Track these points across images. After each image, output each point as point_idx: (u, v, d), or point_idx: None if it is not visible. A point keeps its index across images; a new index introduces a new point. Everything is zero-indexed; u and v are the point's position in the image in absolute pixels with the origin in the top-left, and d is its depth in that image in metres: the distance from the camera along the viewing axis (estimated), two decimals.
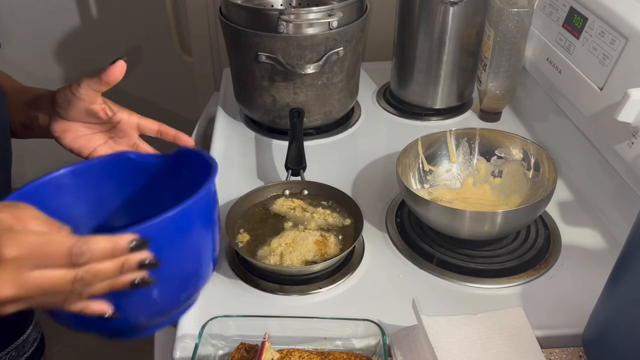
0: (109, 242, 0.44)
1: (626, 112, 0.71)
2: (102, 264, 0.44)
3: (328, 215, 0.83)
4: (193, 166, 0.61)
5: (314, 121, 1.07)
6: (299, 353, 0.64)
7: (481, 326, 0.65)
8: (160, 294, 0.52)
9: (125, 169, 0.64)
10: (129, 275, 0.46)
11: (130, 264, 0.45)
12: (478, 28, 1.07)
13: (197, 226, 0.53)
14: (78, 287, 0.44)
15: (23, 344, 0.84)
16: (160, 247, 0.48)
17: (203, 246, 0.55)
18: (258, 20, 0.97)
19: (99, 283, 0.45)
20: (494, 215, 0.74)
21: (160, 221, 0.47)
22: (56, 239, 0.43)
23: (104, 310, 0.47)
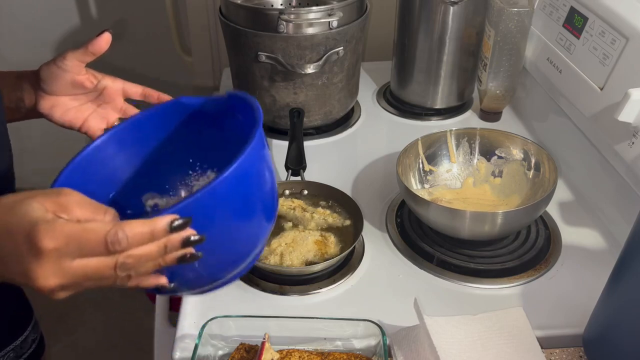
0: (146, 226, 0.43)
1: (626, 112, 0.71)
2: (144, 248, 0.44)
3: (328, 215, 0.83)
4: (245, 113, 0.57)
5: (314, 121, 1.07)
6: (299, 353, 0.64)
7: (481, 326, 0.65)
8: (215, 261, 0.50)
9: (175, 117, 0.62)
10: (174, 254, 0.45)
11: (173, 243, 0.44)
12: (478, 28, 1.07)
13: (243, 190, 0.50)
14: (122, 272, 0.44)
15: (21, 344, 0.84)
16: (205, 222, 0.46)
17: (254, 206, 0.52)
18: (258, 20, 0.97)
19: (145, 264, 0.45)
20: (494, 216, 0.74)
21: (200, 196, 0.45)
22: (92, 228, 0.43)
23: (159, 282, 0.47)
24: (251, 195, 0.51)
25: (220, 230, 0.49)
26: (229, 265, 0.53)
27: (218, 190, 0.46)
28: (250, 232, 0.53)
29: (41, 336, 0.91)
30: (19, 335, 0.84)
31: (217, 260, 0.51)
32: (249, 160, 0.49)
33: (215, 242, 0.48)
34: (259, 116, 0.53)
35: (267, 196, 0.54)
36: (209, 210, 0.47)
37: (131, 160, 0.62)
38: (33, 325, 0.88)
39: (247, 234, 0.53)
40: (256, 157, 0.51)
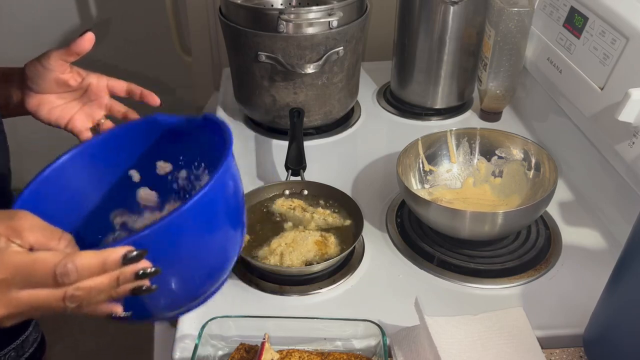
0: (97, 257, 0.42)
1: (627, 112, 0.71)
2: (94, 280, 0.42)
3: (328, 215, 0.83)
4: (220, 135, 0.57)
5: (314, 121, 1.07)
6: (299, 353, 0.64)
7: (481, 326, 0.65)
8: (174, 291, 0.49)
9: (149, 133, 0.61)
10: (127, 286, 0.44)
11: (126, 276, 0.43)
12: (478, 28, 1.07)
13: (203, 222, 0.48)
14: (70, 304, 0.43)
15: (22, 344, 0.84)
16: (161, 254, 0.44)
17: (217, 239, 0.51)
18: (258, 20, 0.97)
19: (96, 296, 0.43)
20: (495, 216, 0.74)
21: (157, 228, 0.43)
22: (42, 258, 0.42)
23: (113, 310, 0.46)
24: (211, 225, 0.49)
25: (179, 262, 0.47)
26: (190, 294, 0.51)
27: (176, 223, 0.44)
28: (211, 261, 0.51)
29: (42, 336, 0.91)
30: (20, 335, 0.84)
31: (176, 291, 0.49)
32: (211, 193, 0.47)
33: (173, 274, 0.47)
34: (228, 147, 0.51)
35: (229, 223, 0.52)
36: (166, 242, 0.45)
37: (100, 177, 0.61)
38: (34, 325, 0.88)
39: (208, 263, 0.51)
40: (219, 189, 0.49)
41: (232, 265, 0.54)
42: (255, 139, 1.09)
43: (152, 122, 0.61)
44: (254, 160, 1.02)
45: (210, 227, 0.49)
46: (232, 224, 0.52)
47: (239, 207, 0.54)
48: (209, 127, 0.59)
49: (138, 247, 0.43)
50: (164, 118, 0.60)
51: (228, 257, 0.53)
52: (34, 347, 0.87)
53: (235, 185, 0.53)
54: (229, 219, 0.51)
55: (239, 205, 0.54)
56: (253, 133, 1.10)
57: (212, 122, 0.58)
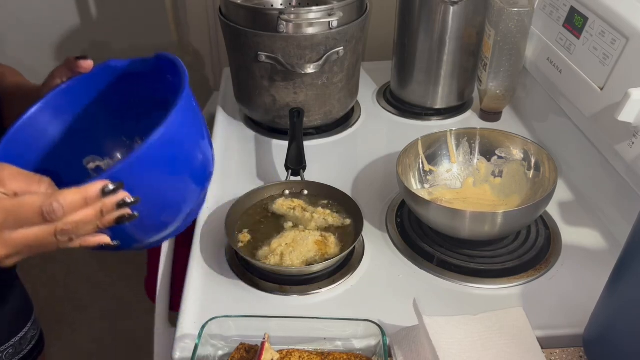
0: (78, 194, 0.46)
1: (626, 112, 0.71)
2: (80, 213, 0.46)
3: (328, 215, 0.83)
4: (174, 73, 0.59)
5: (314, 121, 1.07)
6: (299, 353, 0.64)
7: (481, 326, 0.65)
8: (154, 216, 0.53)
9: (106, 80, 0.64)
10: (111, 215, 0.48)
11: (108, 207, 0.47)
12: (478, 28, 1.07)
13: (170, 152, 0.52)
14: (62, 237, 0.47)
15: (20, 341, 0.85)
16: (138, 184, 0.49)
17: (184, 165, 0.55)
18: (258, 20, 0.97)
19: (84, 228, 0.47)
20: (495, 216, 0.74)
21: (129, 161, 0.48)
22: (28, 201, 0.45)
23: (102, 241, 0.50)
24: (179, 155, 0.53)
25: (153, 189, 0.51)
26: (168, 218, 0.55)
27: (145, 155, 0.49)
28: (184, 187, 0.55)
29: (41, 333, 0.92)
30: (18, 332, 0.84)
31: (155, 216, 0.53)
32: (174, 123, 0.51)
33: (150, 201, 0.51)
34: (184, 79, 0.55)
35: (196, 154, 0.56)
36: (138, 173, 0.49)
37: (69, 126, 0.64)
38: (32, 322, 0.88)
39: (181, 189, 0.55)
40: (181, 120, 0.53)
41: (206, 183, 0.59)
42: (255, 139, 1.09)
43: (106, 67, 0.64)
44: (254, 160, 1.02)
45: (179, 153, 0.53)
46: (199, 148, 0.56)
47: (203, 133, 0.58)
48: (163, 66, 0.61)
49: (114, 179, 0.47)
50: (116, 62, 0.64)
51: (201, 177, 0.58)
52: (32, 345, 0.87)
53: (195, 115, 0.56)
54: (195, 144, 0.56)
55: (203, 131, 0.58)
56: (253, 133, 1.10)
57: (165, 60, 0.61)
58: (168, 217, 0.56)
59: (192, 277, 0.77)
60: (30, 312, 0.89)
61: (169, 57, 0.60)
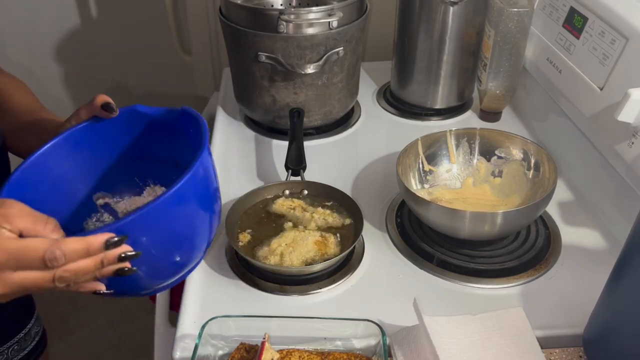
0: (81, 243, 0.46)
1: (626, 112, 0.71)
2: (81, 262, 0.47)
3: (328, 215, 0.83)
4: (195, 128, 0.61)
5: (314, 121, 1.07)
6: (299, 353, 0.64)
7: (481, 326, 0.65)
8: (150, 272, 0.53)
9: (130, 123, 0.65)
10: (110, 267, 0.49)
11: (109, 259, 0.48)
12: (478, 28, 1.07)
13: (179, 212, 0.53)
14: (59, 284, 0.47)
15: (25, 337, 0.85)
16: (141, 239, 0.49)
17: (191, 225, 0.56)
18: (258, 20, 0.97)
19: (82, 277, 0.48)
20: (494, 216, 0.74)
21: (136, 217, 0.48)
22: (31, 246, 0.46)
23: (97, 288, 0.51)
24: (187, 213, 0.54)
25: (156, 246, 0.52)
26: (166, 274, 0.56)
27: (154, 211, 0.49)
28: (187, 246, 0.56)
29: (44, 330, 0.92)
30: (22, 329, 0.85)
31: (154, 271, 0.54)
32: (187, 186, 0.52)
33: (151, 257, 0.51)
34: (204, 139, 0.56)
35: (203, 211, 0.57)
36: (145, 228, 0.50)
37: (83, 162, 0.65)
38: (35, 318, 0.89)
39: (184, 248, 0.56)
40: (194, 181, 0.53)
41: (205, 246, 0.60)
42: (255, 139, 1.09)
43: (132, 111, 0.65)
44: (254, 160, 1.02)
45: (186, 215, 0.54)
46: (206, 211, 0.58)
47: (213, 197, 0.59)
48: (186, 119, 0.63)
49: (119, 233, 0.48)
50: (143, 108, 0.65)
51: (202, 240, 0.59)
52: (35, 341, 0.88)
53: (209, 177, 0.57)
54: (203, 207, 0.57)
55: (213, 194, 0.59)
56: (253, 133, 1.10)
57: (189, 115, 0.62)
58: (166, 272, 0.57)
59: (192, 277, 0.77)
60: (32, 308, 0.90)
61: (193, 114, 0.62)
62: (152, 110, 0.65)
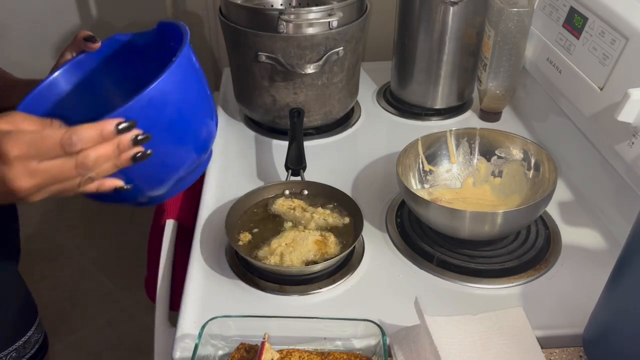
0: (94, 129, 0.49)
1: (626, 112, 0.71)
2: (99, 148, 0.49)
3: (328, 215, 0.83)
4: (177, 38, 0.63)
5: (314, 121, 1.07)
6: (299, 353, 0.64)
7: (481, 326, 0.65)
8: (165, 159, 0.56)
9: (117, 53, 0.68)
10: (128, 153, 0.51)
11: (124, 143, 0.50)
12: (478, 28, 1.07)
13: (181, 93, 0.56)
14: (83, 171, 0.49)
15: (24, 345, 0.84)
16: (150, 122, 0.52)
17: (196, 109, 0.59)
18: (258, 20, 0.97)
19: (103, 165, 0.50)
20: (494, 216, 0.74)
21: (139, 99, 0.51)
22: (48, 134, 0.48)
23: (117, 184, 0.53)
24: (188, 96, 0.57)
25: (163, 129, 0.55)
26: (178, 163, 0.59)
27: (155, 93, 0.53)
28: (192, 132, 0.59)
29: (45, 337, 0.91)
30: (22, 336, 0.84)
31: (166, 159, 0.57)
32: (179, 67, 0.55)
33: (161, 140, 0.55)
34: (185, 36, 0.59)
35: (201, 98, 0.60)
36: (149, 111, 0.53)
37: (79, 98, 0.67)
38: (37, 326, 0.88)
39: (189, 133, 0.59)
40: (185, 66, 0.57)
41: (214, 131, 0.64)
42: (255, 139, 1.09)
43: (112, 41, 0.68)
44: (254, 160, 1.02)
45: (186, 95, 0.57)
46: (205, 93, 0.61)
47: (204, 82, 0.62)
48: (165, 34, 0.65)
49: (127, 118, 0.50)
50: (122, 35, 0.68)
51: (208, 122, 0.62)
52: (35, 349, 0.87)
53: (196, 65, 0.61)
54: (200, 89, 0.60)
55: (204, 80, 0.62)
56: (253, 133, 1.10)
57: (167, 27, 0.65)
58: (177, 161, 0.59)
59: (192, 277, 0.77)
60: (35, 316, 0.89)
61: (170, 23, 0.64)
62: (130, 35, 0.68)
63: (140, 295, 1.90)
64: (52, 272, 2.02)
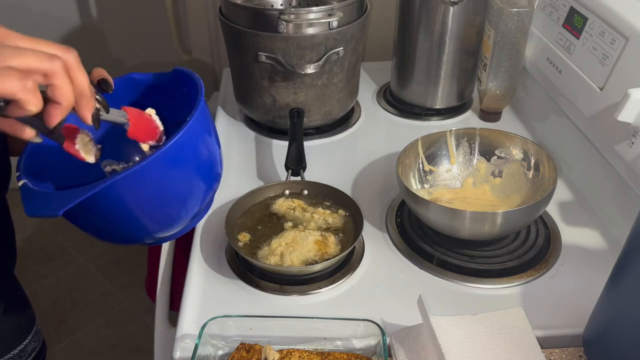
0: None
1: (626, 112, 0.71)
2: None
3: (328, 215, 0.83)
4: (190, 85, 0.65)
5: (314, 121, 1.07)
6: (299, 353, 0.64)
7: (481, 326, 0.65)
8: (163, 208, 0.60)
9: (132, 90, 0.69)
10: None
11: None
12: (478, 28, 1.07)
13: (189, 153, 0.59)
14: None
15: (20, 353, 0.83)
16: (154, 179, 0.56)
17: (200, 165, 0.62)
18: (258, 20, 0.97)
19: None
20: (494, 216, 0.74)
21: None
22: None
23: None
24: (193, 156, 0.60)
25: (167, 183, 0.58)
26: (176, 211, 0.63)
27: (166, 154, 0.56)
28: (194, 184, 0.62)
29: (43, 345, 0.90)
30: (18, 345, 0.83)
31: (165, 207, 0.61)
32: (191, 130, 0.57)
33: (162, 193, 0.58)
34: (200, 91, 0.61)
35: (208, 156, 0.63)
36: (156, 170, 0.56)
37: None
38: (34, 334, 0.87)
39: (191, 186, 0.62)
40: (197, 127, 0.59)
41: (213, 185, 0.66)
42: (255, 139, 1.09)
43: (127, 79, 0.69)
44: (254, 160, 1.02)
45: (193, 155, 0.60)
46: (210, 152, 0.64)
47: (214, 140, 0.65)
48: (180, 80, 0.67)
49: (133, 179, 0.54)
50: (137, 75, 0.69)
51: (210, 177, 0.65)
52: (32, 356, 0.86)
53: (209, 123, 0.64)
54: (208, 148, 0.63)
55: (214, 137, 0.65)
56: (253, 133, 1.10)
57: (182, 74, 0.67)
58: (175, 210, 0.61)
59: (192, 277, 0.77)
60: (32, 324, 0.88)
61: (185, 71, 0.66)
62: (146, 76, 0.69)
63: (140, 295, 1.91)
64: (52, 272, 2.02)
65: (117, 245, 2.11)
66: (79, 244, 2.13)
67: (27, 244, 2.13)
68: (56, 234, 2.18)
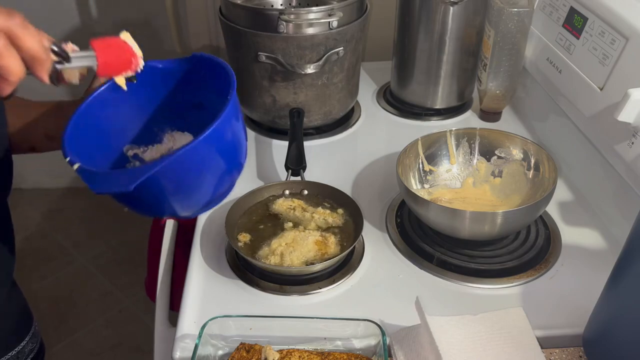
0: None
1: (626, 112, 0.71)
2: None
3: (328, 215, 0.83)
4: (210, 69, 0.66)
5: (314, 121, 1.07)
6: (299, 353, 0.64)
7: (481, 326, 0.65)
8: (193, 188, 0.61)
9: (152, 76, 0.69)
10: None
11: None
12: (478, 28, 1.07)
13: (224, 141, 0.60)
14: None
15: (17, 355, 0.83)
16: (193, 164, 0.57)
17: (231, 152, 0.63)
18: (258, 20, 0.97)
19: None
20: (494, 216, 0.74)
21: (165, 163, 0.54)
22: None
23: None
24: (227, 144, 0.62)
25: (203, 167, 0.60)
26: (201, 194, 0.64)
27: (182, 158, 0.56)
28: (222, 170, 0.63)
29: (41, 346, 0.90)
30: (15, 346, 0.83)
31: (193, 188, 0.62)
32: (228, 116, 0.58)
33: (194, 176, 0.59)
34: (231, 76, 0.62)
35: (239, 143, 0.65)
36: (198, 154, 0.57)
37: (112, 118, 0.69)
38: (32, 335, 0.87)
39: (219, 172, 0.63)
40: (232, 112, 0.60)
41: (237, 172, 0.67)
42: (255, 139, 1.09)
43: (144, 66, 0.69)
44: (254, 160, 1.02)
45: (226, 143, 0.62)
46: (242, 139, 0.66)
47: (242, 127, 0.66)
48: (199, 66, 0.68)
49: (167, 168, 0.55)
50: (154, 62, 0.69)
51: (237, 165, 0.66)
52: (30, 358, 0.86)
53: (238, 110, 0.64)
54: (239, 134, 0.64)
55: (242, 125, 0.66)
56: (253, 133, 1.10)
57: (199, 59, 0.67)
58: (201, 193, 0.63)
59: (192, 277, 0.77)
60: (30, 325, 0.87)
61: (205, 56, 0.66)
62: (163, 62, 0.69)
63: (140, 295, 1.91)
64: (52, 272, 2.02)
65: (117, 246, 2.11)
66: (79, 244, 2.13)
67: (27, 244, 2.13)
68: (56, 234, 2.18)
